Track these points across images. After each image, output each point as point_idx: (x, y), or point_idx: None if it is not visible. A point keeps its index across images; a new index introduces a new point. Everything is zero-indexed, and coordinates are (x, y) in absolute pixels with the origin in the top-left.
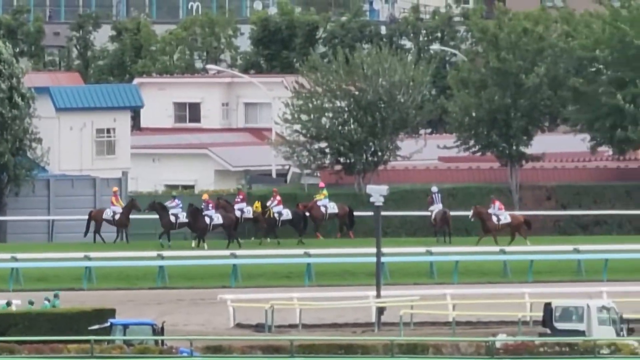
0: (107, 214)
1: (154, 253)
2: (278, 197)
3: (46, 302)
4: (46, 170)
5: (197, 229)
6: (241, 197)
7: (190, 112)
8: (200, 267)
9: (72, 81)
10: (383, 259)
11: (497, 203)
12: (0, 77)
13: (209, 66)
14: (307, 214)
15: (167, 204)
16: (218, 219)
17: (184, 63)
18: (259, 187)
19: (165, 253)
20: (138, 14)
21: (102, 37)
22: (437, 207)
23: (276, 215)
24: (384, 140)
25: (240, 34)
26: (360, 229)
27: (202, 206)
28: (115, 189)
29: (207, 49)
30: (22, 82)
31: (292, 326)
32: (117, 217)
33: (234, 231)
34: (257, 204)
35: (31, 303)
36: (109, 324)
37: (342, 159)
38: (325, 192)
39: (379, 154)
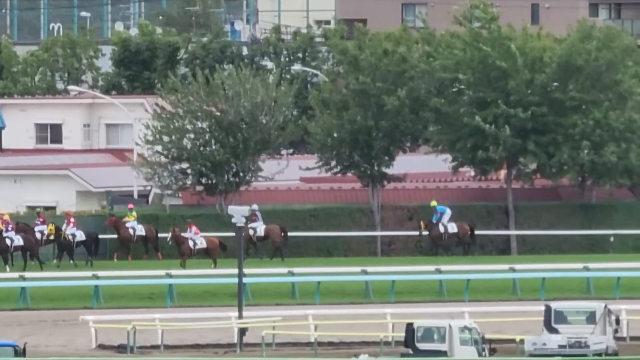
0: None
1: (15, 274)
2: (72, 219)
3: None
4: None
5: None
6: (42, 219)
7: (51, 133)
8: (62, 288)
9: None
10: (245, 280)
11: (194, 227)
12: None
13: (70, 87)
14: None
15: None
16: (19, 240)
17: (45, 84)
18: (120, 208)
19: (27, 274)
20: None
21: None
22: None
23: (70, 237)
24: (246, 161)
25: (101, 54)
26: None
27: (2, 227)
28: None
29: (68, 69)
30: None
31: (155, 347)
32: None
33: (36, 253)
34: (51, 227)
35: None
36: None
37: (203, 180)
38: (134, 213)
39: (241, 174)
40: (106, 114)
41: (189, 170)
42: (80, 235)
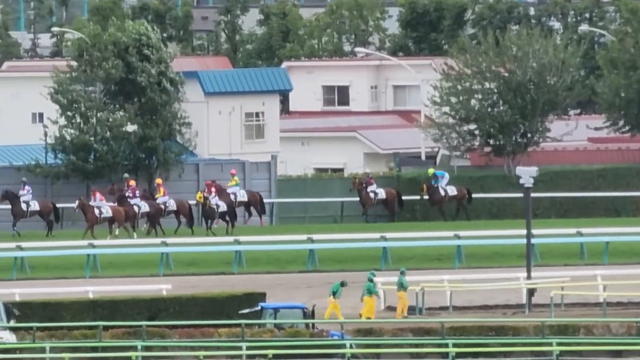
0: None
1: (303, 236)
2: (213, 189)
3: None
4: (195, 154)
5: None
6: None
7: (339, 95)
8: (351, 250)
9: (221, 65)
10: (533, 241)
11: (98, 195)
12: (149, 62)
13: (357, 49)
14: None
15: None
16: (145, 207)
17: (332, 46)
18: (408, 170)
19: (315, 236)
20: None
21: (250, 21)
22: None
23: (214, 206)
24: (534, 122)
25: (388, 16)
26: (510, 210)
27: (127, 193)
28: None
29: (355, 31)
30: (170, 67)
31: (443, 308)
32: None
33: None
34: (200, 194)
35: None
36: (259, 307)
37: (491, 141)
38: (236, 179)
39: (529, 135)
40: (393, 76)
41: (476, 132)
42: (223, 206)
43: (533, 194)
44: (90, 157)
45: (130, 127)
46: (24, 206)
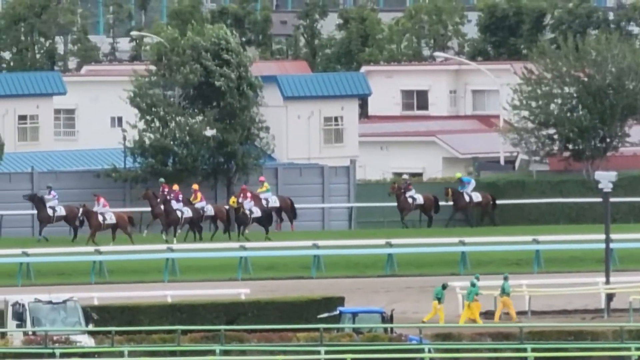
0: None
1: (382, 241)
2: (249, 194)
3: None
4: (274, 158)
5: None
6: (167, 189)
7: (418, 99)
8: (429, 255)
9: (300, 69)
10: (612, 245)
11: (102, 200)
12: (228, 66)
13: (436, 53)
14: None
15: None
16: (188, 212)
17: (411, 51)
18: (487, 174)
19: (393, 241)
20: (365, 2)
21: (329, 26)
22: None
23: (247, 212)
24: (613, 127)
25: (467, 21)
26: (589, 215)
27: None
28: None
29: (434, 36)
30: (249, 71)
31: (522, 313)
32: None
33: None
34: (233, 199)
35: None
36: (338, 312)
37: (570, 146)
38: (266, 184)
39: (608, 140)
40: (472, 80)
41: (555, 136)
42: (257, 212)
43: (612, 199)
44: (169, 160)
45: (209, 132)
46: (50, 212)
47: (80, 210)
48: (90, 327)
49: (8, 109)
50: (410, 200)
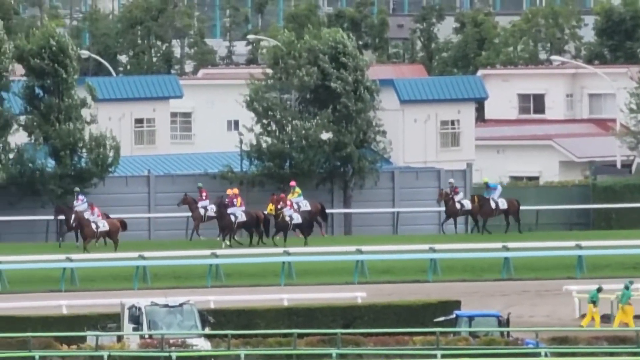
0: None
1: (498, 244)
2: (288, 201)
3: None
4: (390, 162)
5: (223, 226)
6: (204, 194)
7: (534, 103)
8: (546, 258)
9: (416, 73)
10: None
11: (96, 209)
12: (345, 69)
13: (553, 57)
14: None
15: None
16: (242, 216)
17: (527, 54)
18: (603, 178)
19: (509, 244)
20: (481, 5)
21: (445, 29)
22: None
23: (287, 218)
24: None
25: (584, 24)
26: None
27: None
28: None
29: (550, 39)
30: (366, 75)
31: (638, 317)
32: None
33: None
34: (271, 206)
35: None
36: (454, 315)
37: None
38: (298, 189)
39: None
40: (589, 84)
41: None
42: (297, 218)
43: None
44: (285, 164)
45: (325, 135)
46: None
47: (73, 217)
48: (207, 331)
49: (125, 112)
50: (458, 205)
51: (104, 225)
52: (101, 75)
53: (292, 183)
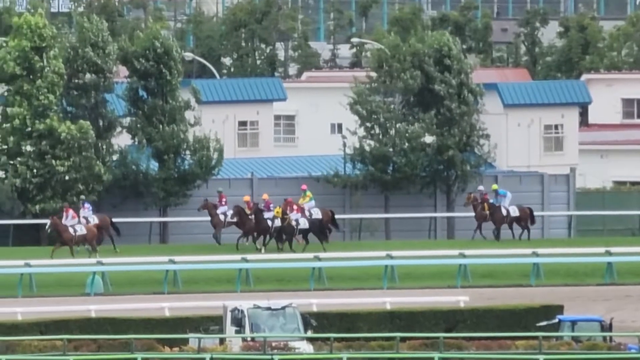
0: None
1: (601, 249)
2: (295, 207)
3: None
4: (493, 166)
5: (258, 230)
6: (224, 200)
7: (638, 108)
8: None
9: (520, 77)
10: None
11: (71, 212)
12: (449, 73)
13: None
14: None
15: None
16: (278, 222)
17: (632, 59)
18: None
19: (613, 249)
20: (586, 10)
21: (549, 33)
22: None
23: (294, 222)
24: None
25: None
26: None
27: (263, 207)
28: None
29: None
30: (470, 78)
31: None
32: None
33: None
34: (278, 210)
35: None
36: (557, 320)
37: None
38: (309, 194)
39: None
40: None
41: None
42: (304, 223)
43: None
44: (388, 168)
45: (429, 138)
46: (83, 221)
47: (48, 222)
48: (309, 334)
49: (228, 114)
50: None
51: (81, 229)
52: (205, 78)
53: (303, 187)
